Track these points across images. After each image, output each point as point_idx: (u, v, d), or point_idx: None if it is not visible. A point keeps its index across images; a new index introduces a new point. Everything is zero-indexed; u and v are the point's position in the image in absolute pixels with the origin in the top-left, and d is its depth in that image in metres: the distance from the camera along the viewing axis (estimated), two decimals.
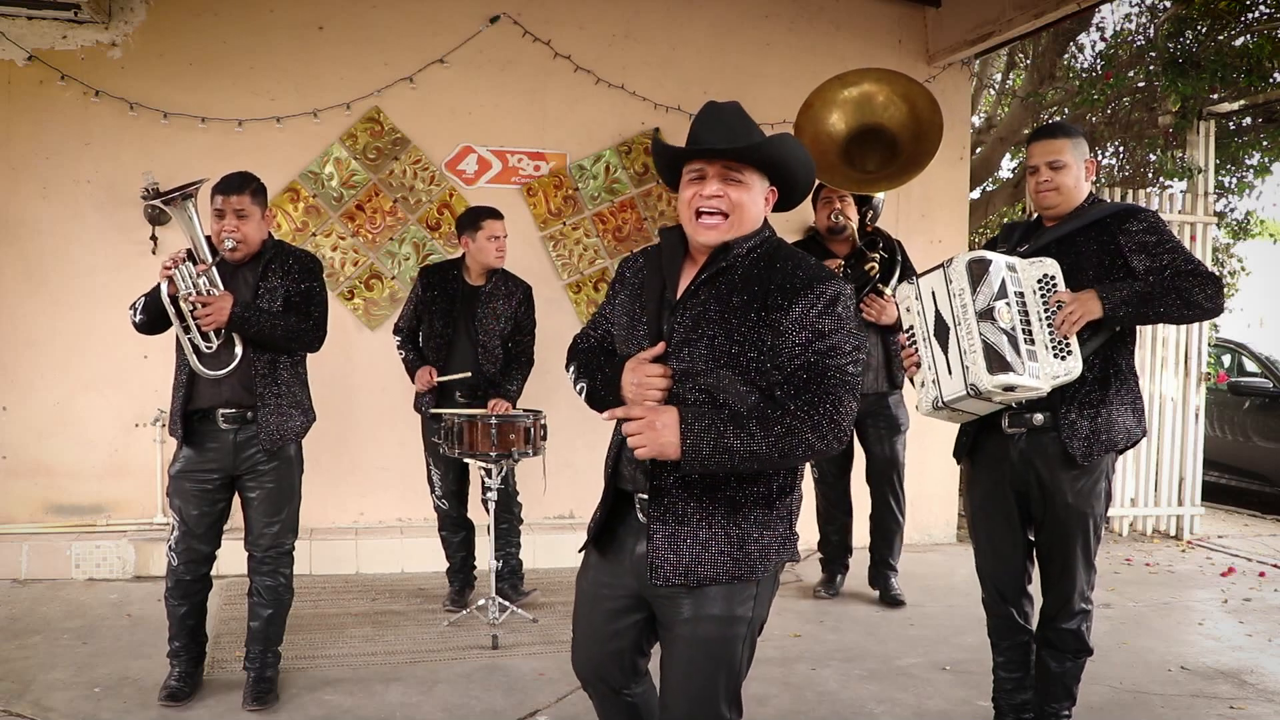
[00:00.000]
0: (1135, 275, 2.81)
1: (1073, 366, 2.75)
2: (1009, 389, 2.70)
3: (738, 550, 2.01)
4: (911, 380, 2.96)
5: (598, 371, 2.17)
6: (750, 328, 1.97)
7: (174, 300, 3.21)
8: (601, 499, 2.19)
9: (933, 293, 2.88)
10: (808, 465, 3.14)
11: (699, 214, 2.03)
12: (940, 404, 2.82)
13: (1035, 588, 3.08)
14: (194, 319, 3.23)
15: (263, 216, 3.37)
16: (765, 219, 2.10)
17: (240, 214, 3.29)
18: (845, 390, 1.95)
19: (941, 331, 2.82)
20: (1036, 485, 2.91)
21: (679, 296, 2.07)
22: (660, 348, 2.04)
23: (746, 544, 2.02)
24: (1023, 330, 2.73)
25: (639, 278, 2.18)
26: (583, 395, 2.19)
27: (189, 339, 3.24)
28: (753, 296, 1.99)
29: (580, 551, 2.26)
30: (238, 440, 3.33)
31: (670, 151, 2.10)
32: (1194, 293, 2.70)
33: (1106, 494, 2.94)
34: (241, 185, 3.31)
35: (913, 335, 2.94)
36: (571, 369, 2.25)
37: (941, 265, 2.87)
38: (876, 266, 4.54)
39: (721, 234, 2.03)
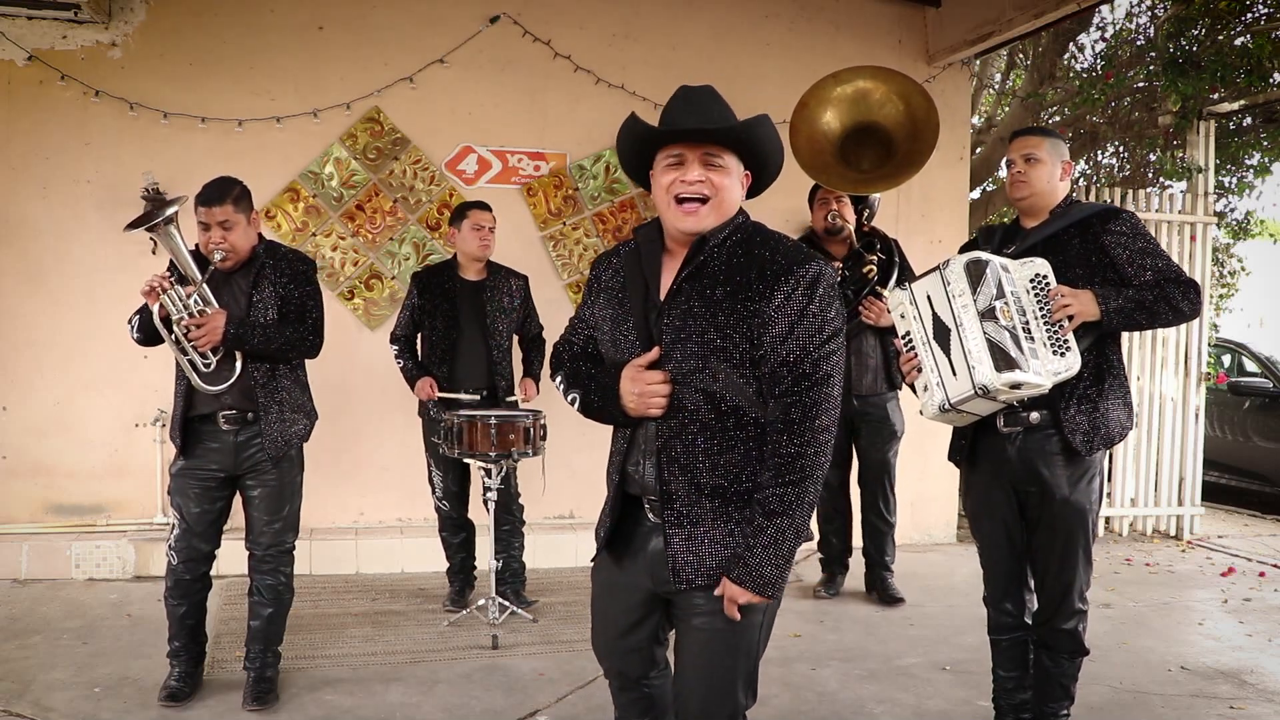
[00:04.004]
0: (1122, 274, 2.86)
1: (1072, 363, 2.78)
2: (1015, 386, 2.71)
3: None
4: (912, 386, 2.95)
5: (589, 381, 2.13)
6: (737, 319, 1.95)
7: (166, 322, 3.17)
8: (609, 505, 2.15)
9: (928, 296, 2.87)
10: None
11: (680, 200, 1.99)
12: (947, 406, 2.81)
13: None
14: (189, 341, 3.19)
15: (249, 221, 3.30)
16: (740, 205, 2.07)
17: (225, 225, 3.22)
18: (826, 388, 1.94)
19: (942, 334, 2.82)
20: (1035, 483, 2.92)
21: (664, 297, 2.03)
22: (656, 353, 2.01)
23: None
24: (1022, 329, 2.76)
25: (617, 280, 2.13)
26: (575, 406, 2.15)
27: (187, 360, 3.20)
28: (735, 287, 1.97)
29: (592, 562, 2.25)
30: (239, 440, 3.32)
31: (650, 132, 2.02)
32: (1180, 301, 2.81)
33: (1100, 490, 2.98)
34: (222, 196, 3.22)
35: (909, 341, 2.92)
36: (559, 378, 2.22)
37: (937, 268, 2.87)
38: (874, 268, 4.52)
39: (701, 220, 1.99)
